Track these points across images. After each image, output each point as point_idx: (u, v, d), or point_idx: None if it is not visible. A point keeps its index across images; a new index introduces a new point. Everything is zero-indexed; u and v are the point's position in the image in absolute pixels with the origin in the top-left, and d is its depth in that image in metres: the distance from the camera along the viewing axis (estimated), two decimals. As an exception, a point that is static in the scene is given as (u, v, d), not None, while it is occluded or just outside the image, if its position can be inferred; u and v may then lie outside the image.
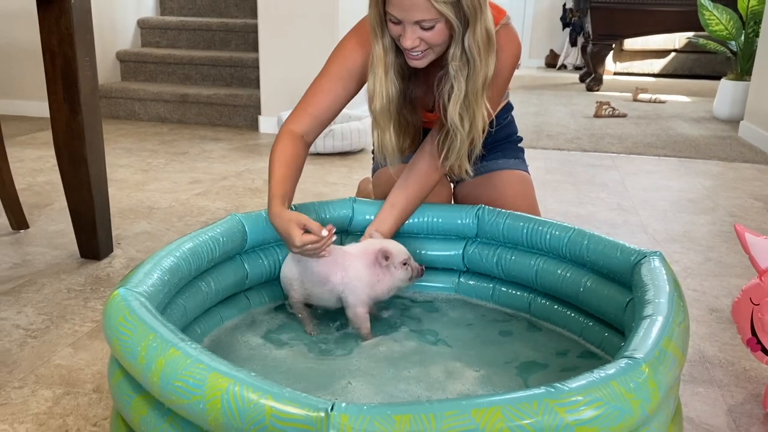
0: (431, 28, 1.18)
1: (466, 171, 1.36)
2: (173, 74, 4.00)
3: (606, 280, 1.24)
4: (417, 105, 1.38)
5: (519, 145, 1.67)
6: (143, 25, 4.22)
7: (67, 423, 1.09)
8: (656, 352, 0.83)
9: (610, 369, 0.77)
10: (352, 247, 1.30)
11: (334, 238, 1.23)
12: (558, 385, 0.73)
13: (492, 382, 1.11)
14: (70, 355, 1.30)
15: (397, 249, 1.27)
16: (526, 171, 1.62)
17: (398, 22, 1.19)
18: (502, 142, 1.60)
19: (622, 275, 1.18)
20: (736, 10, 4.19)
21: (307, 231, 1.19)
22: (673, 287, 1.02)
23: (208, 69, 3.94)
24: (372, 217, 1.41)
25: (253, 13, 4.09)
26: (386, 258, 1.24)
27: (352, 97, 1.39)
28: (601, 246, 1.24)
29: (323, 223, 1.21)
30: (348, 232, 1.46)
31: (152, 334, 0.81)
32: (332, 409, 0.67)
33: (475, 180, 1.51)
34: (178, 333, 0.81)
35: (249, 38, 4.06)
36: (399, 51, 1.27)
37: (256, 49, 3.68)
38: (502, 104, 1.56)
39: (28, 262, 1.76)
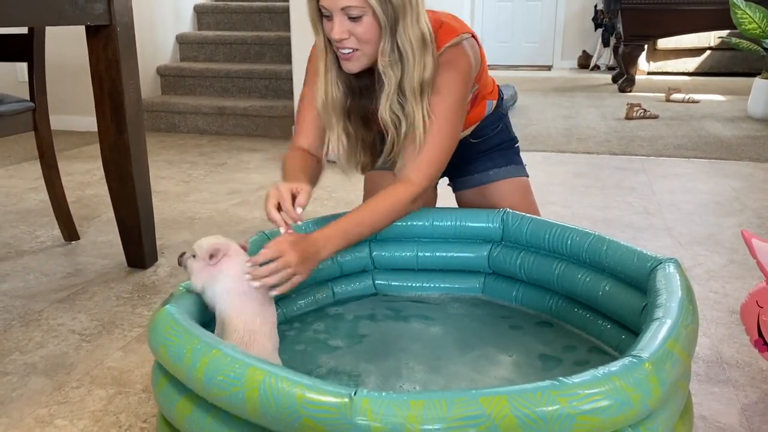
0: (359, 18, 1.21)
1: None
2: (211, 87, 4.15)
3: (624, 284, 1.29)
4: (370, 121, 1.42)
5: (515, 146, 1.66)
6: (182, 40, 4.38)
7: (120, 420, 1.20)
8: (660, 351, 0.89)
9: (614, 366, 0.84)
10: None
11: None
12: (562, 379, 0.80)
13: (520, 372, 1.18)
14: (121, 358, 1.41)
15: (200, 244, 1.16)
16: (522, 175, 1.62)
17: (329, 16, 1.23)
18: (493, 150, 1.61)
19: (639, 280, 1.23)
20: (768, 8, 4.15)
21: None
22: (684, 292, 1.07)
23: (244, 81, 4.08)
24: None
25: (286, 26, 4.21)
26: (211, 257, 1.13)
27: None
28: (620, 252, 1.29)
29: None
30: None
31: (196, 338, 0.92)
32: (355, 394, 0.76)
33: (470, 192, 1.59)
34: (218, 339, 0.92)
35: (283, 51, 4.18)
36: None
37: (289, 61, 3.79)
38: (489, 112, 1.58)
39: (80, 272, 1.88)
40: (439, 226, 1.51)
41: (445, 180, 1.67)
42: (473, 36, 1.41)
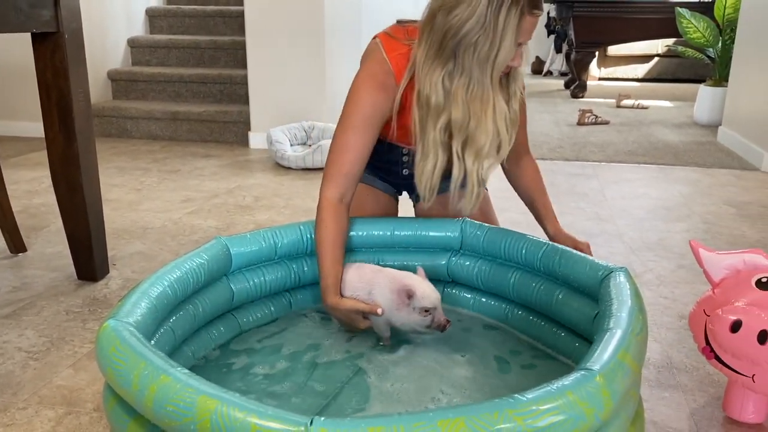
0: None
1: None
2: (164, 92, 4.08)
3: (576, 293, 1.31)
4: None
5: None
6: (133, 44, 4.30)
7: (70, 441, 1.16)
8: (611, 363, 0.90)
9: (567, 380, 0.85)
10: (388, 270, 1.34)
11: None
12: (517, 395, 0.81)
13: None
14: (71, 376, 1.37)
15: (424, 294, 1.26)
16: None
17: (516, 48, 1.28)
18: None
19: (591, 289, 1.25)
20: (712, 17, 4.30)
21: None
22: (634, 301, 1.10)
23: (198, 86, 4.02)
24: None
25: (241, 30, 4.17)
26: (408, 297, 1.25)
27: (376, 140, 1.41)
28: (572, 261, 1.32)
29: None
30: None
31: (143, 362, 0.88)
32: (311, 423, 0.74)
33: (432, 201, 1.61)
34: (167, 360, 0.89)
35: (238, 55, 4.14)
36: None
37: (244, 65, 3.76)
38: None
39: (28, 285, 1.82)
40: (399, 235, 1.51)
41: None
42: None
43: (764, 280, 1.07)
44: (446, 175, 1.42)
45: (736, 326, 1.02)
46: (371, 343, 1.34)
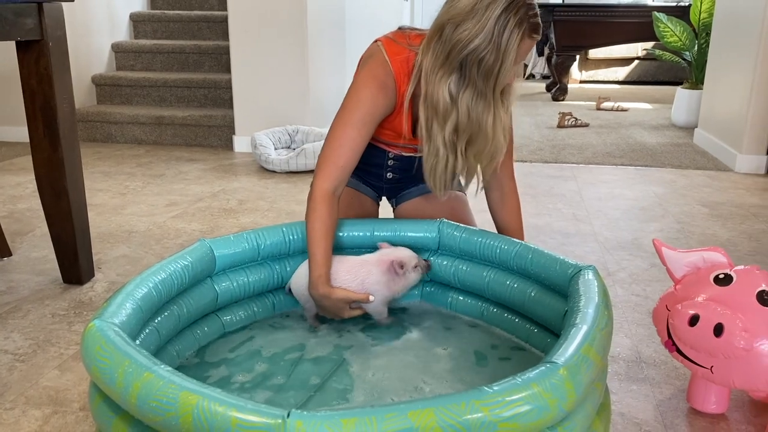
0: None
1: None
2: (148, 97, 4.10)
3: (548, 290, 1.37)
4: None
5: None
6: (117, 49, 4.31)
7: (57, 439, 1.19)
8: (575, 357, 0.95)
9: (532, 373, 0.90)
10: (369, 257, 1.46)
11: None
12: (485, 387, 0.85)
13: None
14: (57, 377, 1.40)
15: (408, 256, 1.44)
16: (459, 190, 1.71)
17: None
18: None
19: (561, 286, 1.30)
20: (689, 22, 4.39)
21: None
22: (601, 298, 1.15)
23: (182, 91, 4.04)
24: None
25: (225, 35, 4.21)
26: (401, 267, 1.42)
27: (370, 138, 1.47)
28: (543, 260, 1.37)
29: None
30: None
31: (127, 360, 0.91)
32: (288, 416, 0.78)
33: (409, 203, 1.67)
34: (151, 358, 0.92)
35: (222, 60, 4.17)
36: None
37: (228, 70, 3.79)
38: None
39: (13, 289, 1.85)
40: (380, 236, 1.56)
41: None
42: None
43: (722, 276, 1.12)
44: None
45: (694, 320, 1.07)
46: (355, 339, 1.39)
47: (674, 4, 5.92)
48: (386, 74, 1.43)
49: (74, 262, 1.86)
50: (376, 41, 1.48)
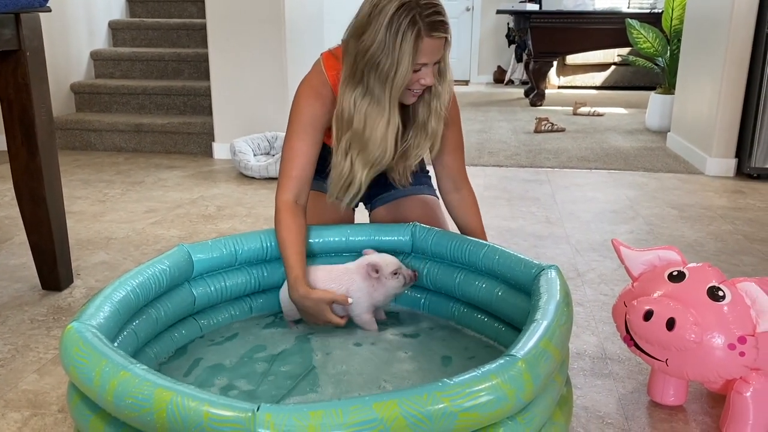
0: (437, 63, 1.39)
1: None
2: (127, 104, 4.11)
3: (514, 289, 1.42)
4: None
5: (428, 174, 1.83)
6: (96, 57, 4.32)
7: (36, 441, 1.22)
8: (534, 350, 1.00)
9: (491, 365, 0.94)
10: (350, 264, 1.50)
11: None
12: (446, 379, 0.90)
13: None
14: (36, 381, 1.43)
15: (386, 261, 1.46)
16: (431, 194, 1.77)
17: (419, 69, 1.37)
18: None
19: (526, 285, 1.36)
20: (661, 29, 4.49)
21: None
22: (561, 295, 1.20)
23: (161, 98, 4.06)
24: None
25: (204, 42, 4.23)
26: (376, 271, 1.44)
27: (321, 144, 1.53)
28: (509, 260, 1.42)
29: None
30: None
31: (104, 360, 0.95)
32: (258, 409, 0.82)
33: (383, 207, 1.72)
34: (127, 357, 0.96)
35: (201, 67, 4.19)
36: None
37: (207, 77, 3.81)
38: None
39: (-8, 296, 1.87)
40: (355, 240, 1.60)
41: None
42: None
43: (675, 273, 1.18)
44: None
45: (648, 315, 1.13)
46: (328, 341, 1.42)
47: (648, 11, 6.04)
48: (322, 84, 1.50)
49: (53, 268, 1.88)
50: (321, 54, 1.55)
